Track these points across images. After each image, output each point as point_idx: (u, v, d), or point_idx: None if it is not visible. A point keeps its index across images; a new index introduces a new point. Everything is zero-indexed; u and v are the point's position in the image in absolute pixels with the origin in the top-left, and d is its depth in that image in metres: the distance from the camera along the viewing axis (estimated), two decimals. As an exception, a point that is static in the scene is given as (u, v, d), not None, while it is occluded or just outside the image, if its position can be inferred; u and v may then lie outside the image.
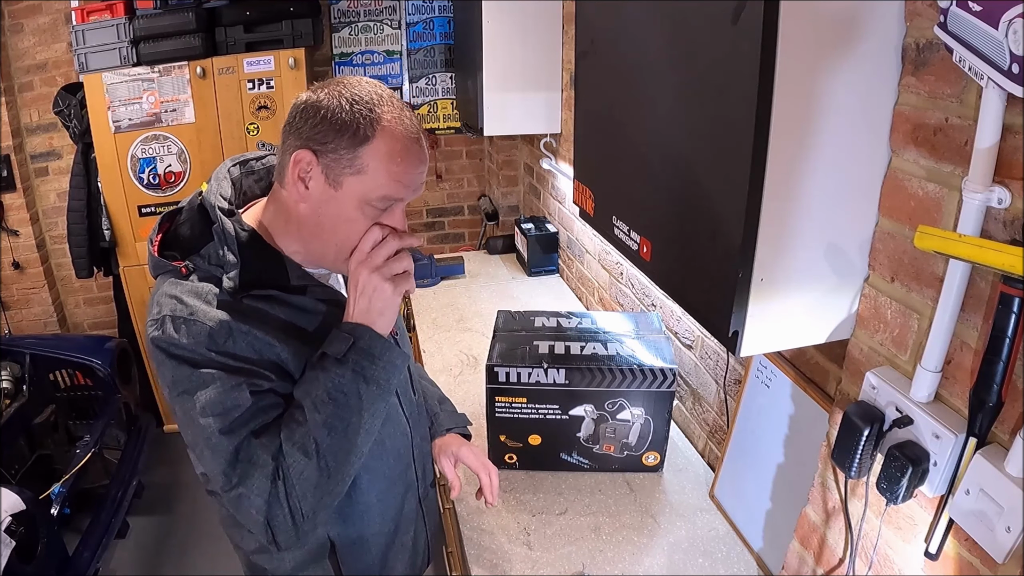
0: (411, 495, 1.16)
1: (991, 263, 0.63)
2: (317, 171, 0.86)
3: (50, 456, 2.56)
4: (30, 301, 3.32)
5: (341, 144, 0.84)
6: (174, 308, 0.87)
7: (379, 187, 0.86)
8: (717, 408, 1.50)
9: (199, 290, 0.88)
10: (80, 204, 2.88)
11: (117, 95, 2.72)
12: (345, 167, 0.85)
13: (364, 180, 0.85)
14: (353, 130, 0.84)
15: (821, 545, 0.99)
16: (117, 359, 2.70)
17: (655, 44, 0.95)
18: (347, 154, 0.84)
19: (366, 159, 0.85)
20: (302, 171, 0.86)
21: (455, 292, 2.51)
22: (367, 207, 0.87)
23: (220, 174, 0.97)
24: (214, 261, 0.90)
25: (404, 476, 1.13)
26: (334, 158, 0.85)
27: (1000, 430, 0.71)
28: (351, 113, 0.84)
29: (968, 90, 0.69)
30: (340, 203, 0.87)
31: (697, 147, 0.87)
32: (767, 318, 0.82)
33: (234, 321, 0.87)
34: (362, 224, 0.88)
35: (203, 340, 0.85)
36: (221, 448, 0.86)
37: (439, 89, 3.36)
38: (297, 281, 0.94)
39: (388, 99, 0.87)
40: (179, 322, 0.86)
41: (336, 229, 0.89)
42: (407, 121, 0.87)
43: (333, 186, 0.86)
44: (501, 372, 1.38)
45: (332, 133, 0.84)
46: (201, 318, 0.86)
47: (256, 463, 0.86)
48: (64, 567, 2.05)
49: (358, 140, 0.84)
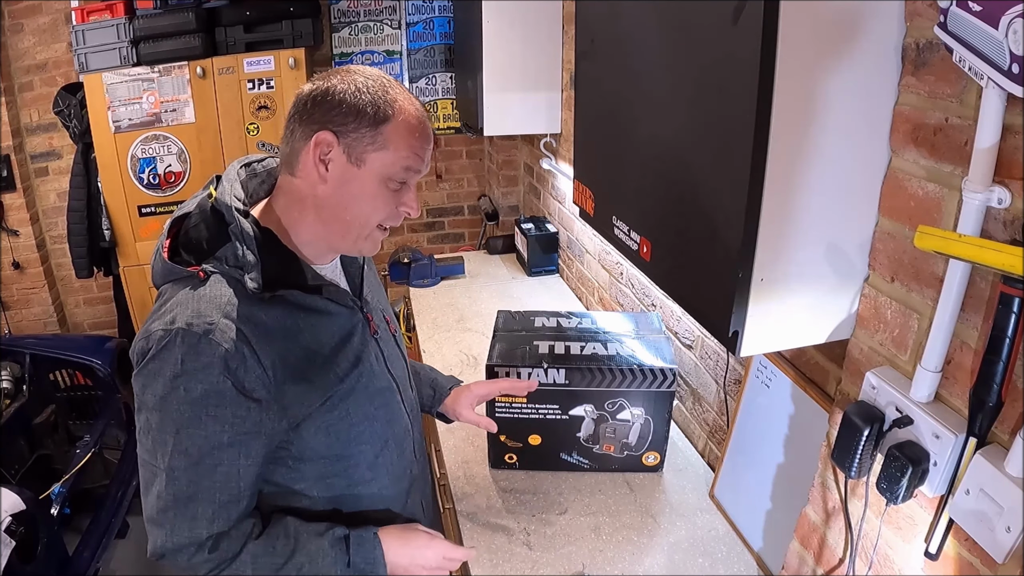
0: (415, 490, 1.16)
1: (991, 263, 0.63)
2: (338, 151, 0.90)
3: (50, 456, 2.55)
4: (30, 301, 3.32)
5: (363, 123, 0.89)
6: (190, 320, 0.85)
7: (401, 159, 0.92)
8: (717, 408, 1.50)
9: (219, 300, 0.87)
10: (80, 204, 2.88)
11: (117, 95, 2.72)
12: (368, 144, 0.90)
13: (386, 155, 0.91)
14: (374, 110, 0.89)
15: (821, 545, 0.99)
16: (117, 359, 2.69)
17: (655, 44, 0.95)
18: (369, 132, 0.89)
19: (389, 135, 0.90)
20: (322, 153, 0.90)
21: (455, 292, 2.51)
22: (389, 181, 0.92)
23: (231, 176, 0.98)
24: (232, 263, 0.90)
25: (408, 472, 1.14)
26: (356, 137, 0.89)
27: (1000, 430, 0.71)
28: (369, 95, 0.89)
29: (968, 90, 0.69)
30: (363, 180, 0.91)
31: (697, 147, 0.87)
32: (767, 318, 0.82)
33: (249, 340, 0.87)
34: (384, 198, 0.93)
35: (217, 363, 0.85)
36: (175, 483, 0.89)
37: (439, 89, 3.36)
38: (313, 281, 0.96)
39: (395, 83, 0.94)
40: (195, 338, 0.84)
41: (360, 205, 0.93)
42: (416, 101, 0.94)
43: (356, 164, 0.91)
44: (501, 372, 1.38)
45: (352, 115, 0.89)
46: (219, 338, 0.85)
47: (199, 521, 0.90)
48: (64, 567, 2.05)
49: (379, 119, 0.89)
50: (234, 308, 0.87)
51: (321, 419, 0.96)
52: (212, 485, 0.89)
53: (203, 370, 0.85)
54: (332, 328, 0.98)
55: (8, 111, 3.03)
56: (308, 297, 0.95)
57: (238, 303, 0.88)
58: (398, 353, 1.14)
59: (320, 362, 0.95)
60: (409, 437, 1.13)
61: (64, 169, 3.12)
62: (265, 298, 0.90)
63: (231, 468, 0.89)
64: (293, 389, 0.92)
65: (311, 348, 0.94)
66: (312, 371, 0.94)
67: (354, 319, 1.02)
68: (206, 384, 0.85)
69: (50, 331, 3.37)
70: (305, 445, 0.97)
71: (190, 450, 0.87)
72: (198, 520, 0.89)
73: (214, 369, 0.85)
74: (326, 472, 1.00)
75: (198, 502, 0.89)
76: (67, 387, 2.73)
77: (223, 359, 0.85)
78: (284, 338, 0.91)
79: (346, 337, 1.00)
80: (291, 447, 0.96)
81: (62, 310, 3.45)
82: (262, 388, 0.88)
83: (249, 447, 0.90)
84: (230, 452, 0.89)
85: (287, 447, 0.96)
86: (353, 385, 0.99)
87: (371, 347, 1.04)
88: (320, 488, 1.01)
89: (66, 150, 3.13)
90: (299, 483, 1.00)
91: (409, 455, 1.13)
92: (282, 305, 0.92)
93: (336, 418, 0.97)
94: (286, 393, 0.91)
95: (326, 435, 0.97)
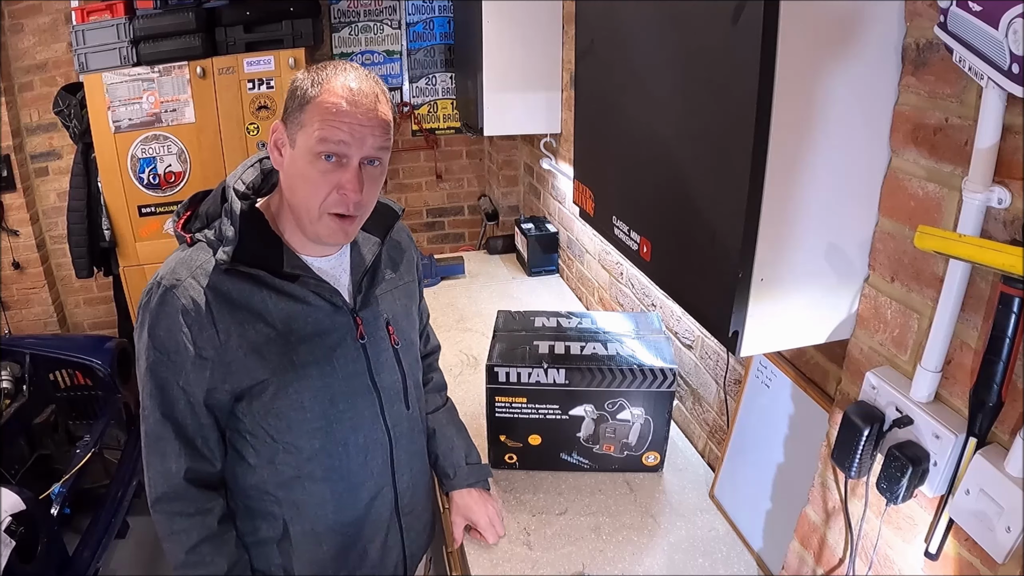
0: (381, 504, 1.15)
1: (991, 263, 0.63)
2: (283, 136, 0.97)
3: (50, 456, 2.55)
4: (30, 301, 3.32)
5: (293, 105, 0.95)
6: (164, 275, 0.98)
7: (315, 132, 0.92)
8: (717, 408, 1.50)
9: (192, 263, 0.98)
10: (80, 204, 2.88)
11: (117, 95, 2.72)
12: (296, 125, 0.95)
13: (306, 131, 0.93)
14: (303, 92, 0.94)
15: (821, 545, 0.99)
16: (117, 359, 2.69)
17: (655, 44, 0.95)
18: (297, 113, 0.94)
19: (310, 112, 0.93)
20: (277, 139, 0.98)
21: (455, 292, 2.51)
22: (315, 159, 0.94)
23: (249, 161, 1.08)
24: (218, 235, 1.00)
25: (372, 483, 1.13)
26: (291, 120, 0.95)
27: (1000, 430, 0.71)
28: (308, 78, 0.95)
29: (968, 90, 0.69)
30: (296, 160, 0.96)
31: (697, 147, 0.87)
32: (767, 318, 0.82)
33: (210, 302, 0.97)
34: (315, 178, 0.94)
35: (175, 314, 0.96)
36: (147, 421, 1.02)
37: (439, 89, 3.36)
38: (290, 268, 1.00)
39: (349, 69, 0.96)
40: (163, 291, 0.97)
41: (300, 186, 0.97)
42: (357, 82, 0.94)
43: (292, 145, 0.96)
44: (501, 372, 1.38)
45: (291, 98, 0.96)
46: (179, 293, 0.96)
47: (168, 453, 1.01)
48: (64, 567, 2.05)
49: (306, 99, 0.94)
50: (205, 273, 0.98)
51: (270, 401, 1.01)
52: (173, 421, 1.00)
53: (165, 319, 0.96)
54: (307, 318, 1.02)
55: (8, 111, 3.03)
56: (282, 283, 1.00)
57: (211, 269, 0.98)
58: (392, 365, 1.13)
59: (280, 344, 1.00)
60: (381, 449, 1.13)
61: (64, 169, 3.11)
62: (231, 270, 0.97)
63: (185, 408, 1.00)
64: (242, 359, 0.99)
65: (276, 329, 1.00)
66: (268, 349, 1.00)
67: (337, 318, 1.05)
68: (164, 332, 0.97)
69: (50, 331, 3.37)
70: (255, 423, 1.04)
71: (154, 391, 0.99)
72: (167, 456, 1.01)
73: (174, 320, 0.96)
74: (274, 455, 1.06)
75: (165, 440, 1.01)
76: (67, 387, 2.73)
77: (180, 312, 0.96)
78: (247, 311, 0.99)
79: (320, 332, 1.03)
80: (244, 419, 1.04)
81: (62, 310, 3.45)
82: (210, 347, 0.97)
83: (197, 397, 1.00)
84: (183, 396, 0.99)
85: (240, 418, 1.04)
86: (314, 381, 1.03)
87: (351, 351, 1.06)
88: (270, 471, 1.07)
89: (66, 150, 3.12)
90: (252, 458, 1.06)
91: (378, 467, 1.13)
92: (252, 281, 0.99)
93: (287, 406, 1.03)
94: (234, 359, 0.98)
95: (276, 418, 1.03)
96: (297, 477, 1.07)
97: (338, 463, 1.08)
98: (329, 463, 1.08)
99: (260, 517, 1.10)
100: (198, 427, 1.02)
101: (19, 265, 3.23)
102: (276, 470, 1.06)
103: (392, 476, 1.16)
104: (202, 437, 1.03)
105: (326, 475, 1.08)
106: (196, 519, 1.03)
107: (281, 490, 1.08)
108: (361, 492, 1.13)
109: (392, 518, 1.19)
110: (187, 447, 1.01)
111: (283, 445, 1.05)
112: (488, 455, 1.49)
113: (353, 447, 1.09)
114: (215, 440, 1.05)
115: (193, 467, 1.02)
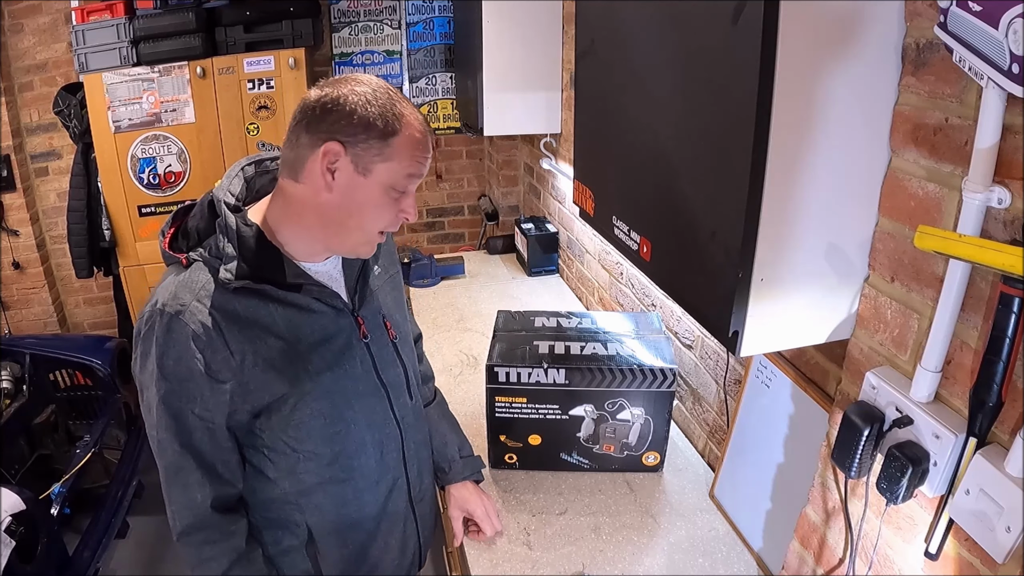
0: (397, 496, 1.18)
1: (991, 263, 0.63)
2: (345, 161, 0.93)
3: (50, 456, 2.55)
4: (30, 301, 3.32)
5: (372, 135, 0.92)
6: (166, 301, 0.94)
7: (404, 168, 0.95)
8: (717, 408, 1.50)
9: (194, 285, 0.94)
10: (80, 204, 2.88)
11: (117, 95, 2.72)
12: (375, 155, 0.93)
13: (392, 166, 0.94)
14: (384, 123, 0.92)
15: (821, 545, 0.99)
16: (117, 359, 2.69)
17: (655, 44, 0.95)
18: (377, 144, 0.93)
19: (396, 147, 0.94)
20: (330, 162, 0.93)
21: (455, 292, 2.51)
22: (392, 190, 0.96)
23: (232, 172, 1.04)
24: (214, 253, 0.96)
25: (389, 476, 1.15)
26: (364, 148, 0.93)
27: (1000, 430, 0.71)
28: (378, 107, 0.92)
29: (968, 90, 0.69)
30: (369, 189, 0.95)
31: (697, 147, 0.87)
32: (767, 318, 0.82)
33: (219, 324, 0.94)
34: (386, 206, 0.97)
35: (186, 342, 0.93)
36: (164, 454, 1.00)
37: (439, 89, 3.36)
38: (293, 279, 0.99)
39: (399, 95, 0.97)
40: (168, 318, 0.93)
41: (364, 212, 0.97)
42: (419, 113, 0.99)
43: (362, 174, 0.94)
44: (501, 372, 1.38)
45: (362, 127, 0.92)
46: (187, 319, 0.92)
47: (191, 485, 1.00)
48: (64, 567, 2.05)
49: (388, 132, 0.93)
50: (208, 294, 0.94)
51: (290, 414, 1.01)
52: (193, 451, 0.98)
53: (175, 347, 0.93)
54: (313, 325, 1.01)
55: (8, 111, 3.02)
56: (286, 294, 0.99)
57: (213, 290, 0.95)
58: (394, 359, 1.14)
59: (292, 355, 0.99)
60: (395, 443, 1.15)
61: (64, 169, 3.11)
62: (237, 288, 0.95)
63: (203, 436, 0.98)
64: (260, 376, 0.97)
65: (286, 340, 0.99)
66: (282, 362, 0.98)
67: (341, 321, 1.05)
68: (174, 361, 0.93)
69: (50, 331, 3.37)
70: (274, 437, 1.03)
71: (169, 422, 0.97)
72: (190, 486, 0.99)
73: (185, 347, 0.93)
74: (295, 465, 1.06)
75: (186, 470, 0.99)
76: (67, 387, 2.73)
77: (191, 339, 0.92)
78: (257, 327, 0.97)
79: (327, 337, 1.03)
80: (262, 435, 1.03)
81: (62, 310, 3.45)
82: (227, 370, 0.95)
83: (217, 422, 0.99)
84: (201, 424, 0.97)
85: (259, 434, 1.03)
86: (329, 386, 1.03)
87: (357, 352, 1.07)
88: (291, 481, 1.06)
89: (66, 150, 3.12)
90: (271, 471, 1.06)
91: (393, 460, 1.15)
92: (258, 296, 0.97)
93: (307, 415, 1.02)
94: (252, 378, 0.97)
95: (296, 429, 1.03)
96: (319, 483, 1.08)
97: (357, 463, 1.10)
98: (349, 464, 1.09)
99: (282, 527, 1.10)
100: (218, 452, 1.01)
101: (19, 265, 3.23)
102: (298, 479, 1.07)
103: (404, 467, 1.18)
104: (222, 461, 1.02)
105: (347, 476, 1.09)
106: (223, 544, 1.03)
107: (303, 497, 1.08)
108: (380, 487, 1.14)
109: (408, 508, 1.21)
110: (209, 474, 1.00)
111: (303, 454, 1.05)
112: (488, 455, 1.49)
113: (371, 445, 1.11)
114: (236, 462, 1.04)
115: (217, 494, 1.02)
